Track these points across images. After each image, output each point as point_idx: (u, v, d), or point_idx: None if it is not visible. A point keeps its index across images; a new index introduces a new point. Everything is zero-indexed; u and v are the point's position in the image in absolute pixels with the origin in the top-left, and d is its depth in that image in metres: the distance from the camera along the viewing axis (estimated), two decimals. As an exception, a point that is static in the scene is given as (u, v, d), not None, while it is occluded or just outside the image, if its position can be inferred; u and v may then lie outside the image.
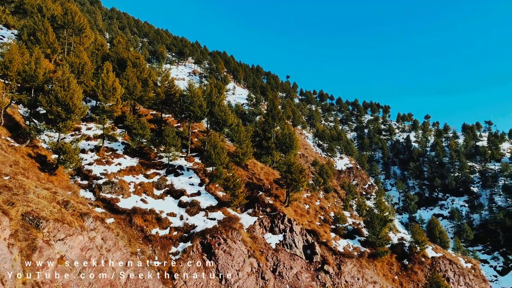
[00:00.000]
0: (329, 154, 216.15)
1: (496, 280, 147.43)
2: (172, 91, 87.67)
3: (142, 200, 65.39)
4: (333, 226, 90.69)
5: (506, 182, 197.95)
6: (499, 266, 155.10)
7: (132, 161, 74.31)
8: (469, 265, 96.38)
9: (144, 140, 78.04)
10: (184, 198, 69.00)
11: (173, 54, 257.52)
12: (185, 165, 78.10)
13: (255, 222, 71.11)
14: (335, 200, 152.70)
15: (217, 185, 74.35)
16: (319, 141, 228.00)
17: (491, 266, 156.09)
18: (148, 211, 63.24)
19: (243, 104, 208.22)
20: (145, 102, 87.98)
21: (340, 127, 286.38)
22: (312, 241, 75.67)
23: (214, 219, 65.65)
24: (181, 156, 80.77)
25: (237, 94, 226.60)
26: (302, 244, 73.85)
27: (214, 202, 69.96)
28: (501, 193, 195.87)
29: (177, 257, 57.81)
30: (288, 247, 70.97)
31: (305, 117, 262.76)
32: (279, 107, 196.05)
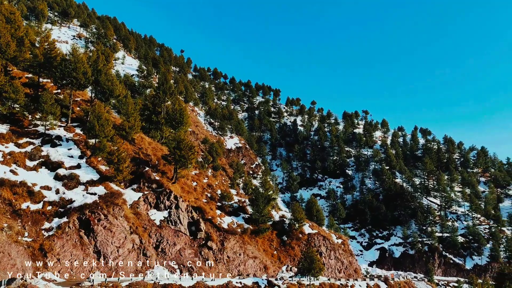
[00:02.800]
0: (220, 133, 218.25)
1: (362, 254, 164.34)
2: (53, 54, 79.88)
3: (11, 171, 59.17)
4: (219, 204, 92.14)
5: (376, 167, 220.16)
6: (365, 242, 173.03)
7: (1, 128, 66.60)
8: (340, 240, 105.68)
9: (17, 105, 70.39)
10: (61, 171, 64.06)
11: (56, 13, 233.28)
12: (65, 135, 72.37)
13: (139, 198, 69.10)
14: (223, 178, 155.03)
15: (100, 159, 70.29)
16: (211, 119, 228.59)
17: (358, 242, 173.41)
18: (18, 183, 57.56)
19: (133, 75, 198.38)
20: (19, 63, 79.18)
21: (232, 107, 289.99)
22: (198, 218, 76.02)
23: (95, 194, 62.17)
24: (60, 126, 74.66)
25: (127, 64, 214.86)
26: (187, 220, 73.78)
27: (95, 176, 66.15)
28: (371, 176, 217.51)
29: (50, 233, 53.80)
30: (173, 223, 70.37)
31: (198, 94, 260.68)
32: (172, 81, 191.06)
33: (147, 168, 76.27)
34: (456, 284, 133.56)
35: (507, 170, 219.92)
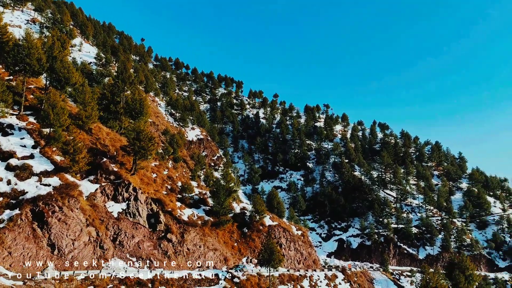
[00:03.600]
0: (181, 124, 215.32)
1: (320, 245, 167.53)
2: (5, 39, 76.08)
3: (-43, 161, 56.10)
4: (179, 196, 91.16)
5: (336, 160, 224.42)
6: (324, 233, 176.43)
7: None
8: (300, 232, 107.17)
9: (-36, 92, 66.56)
10: (13, 161, 61.26)
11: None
12: (17, 124, 69.17)
13: (96, 189, 67.21)
14: (184, 170, 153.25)
15: (54, 149, 67.73)
16: (172, 110, 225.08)
17: (317, 234, 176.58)
18: (-35, 174, 54.65)
19: (91, 63, 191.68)
20: (-33, 47, 74.84)
21: (194, 98, 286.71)
22: (157, 210, 74.89)
23: (49, 185, 59.89)
24: (12, 114, 71.29)
25: (84, 52, 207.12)
26: (146, 213, 72.53)
27: (50, 167, 63.70)
28: (331, 169, 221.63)
29: (1, 225, 51.38)
30: (132, 215, 69.00)
31: (159, 84, 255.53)
32: (131, 70, 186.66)
33: (104, 159, 74.23)
34: (409, 273, 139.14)
35: (458, 164, 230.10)
